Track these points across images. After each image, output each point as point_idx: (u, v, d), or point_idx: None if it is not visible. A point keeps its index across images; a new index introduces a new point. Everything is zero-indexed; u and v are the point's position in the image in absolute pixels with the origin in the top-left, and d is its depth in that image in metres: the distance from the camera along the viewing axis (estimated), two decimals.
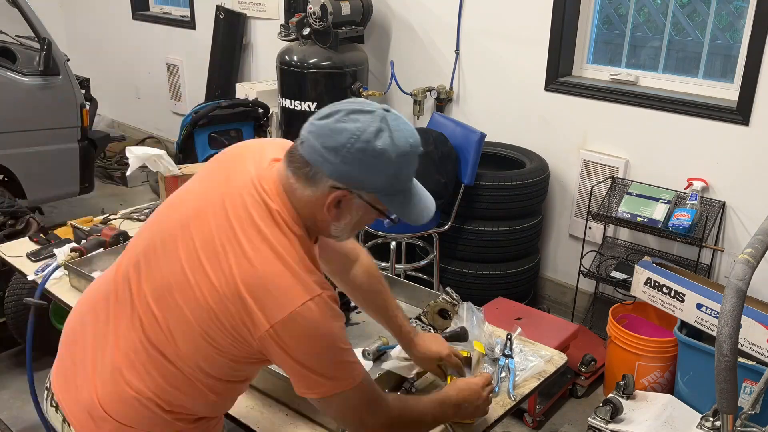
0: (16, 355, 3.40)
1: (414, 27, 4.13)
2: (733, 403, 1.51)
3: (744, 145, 3.03)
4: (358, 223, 1.35)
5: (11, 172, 4.22)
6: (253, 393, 1.76)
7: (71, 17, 7.04)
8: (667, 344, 2.87)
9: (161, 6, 6.27)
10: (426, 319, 1.98)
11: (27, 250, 2.48)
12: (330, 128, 1.23)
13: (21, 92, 4.14)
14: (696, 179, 3.15)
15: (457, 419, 1.59)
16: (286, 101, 4.09)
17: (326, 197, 1.26)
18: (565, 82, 3.57)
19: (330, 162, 1.23)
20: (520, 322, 2.92)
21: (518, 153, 3.66)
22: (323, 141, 1.23)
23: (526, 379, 1.84)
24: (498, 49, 3.77)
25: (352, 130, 1.22)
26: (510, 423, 2.96)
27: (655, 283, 2.89)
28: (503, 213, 3.40)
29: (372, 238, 3.46)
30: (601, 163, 3.47)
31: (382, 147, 1.23)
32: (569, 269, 3.73)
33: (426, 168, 3.22)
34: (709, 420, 2.46)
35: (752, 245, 1.49)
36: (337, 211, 1.29)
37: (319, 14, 3.85)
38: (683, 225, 2.99)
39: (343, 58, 3.98)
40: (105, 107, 6.36)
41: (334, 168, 1.23)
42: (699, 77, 3.28)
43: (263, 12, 5.04)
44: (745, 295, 1.43)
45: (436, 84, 4.03)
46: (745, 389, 2.54)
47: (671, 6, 3.31)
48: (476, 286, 3.45)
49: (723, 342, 1.44)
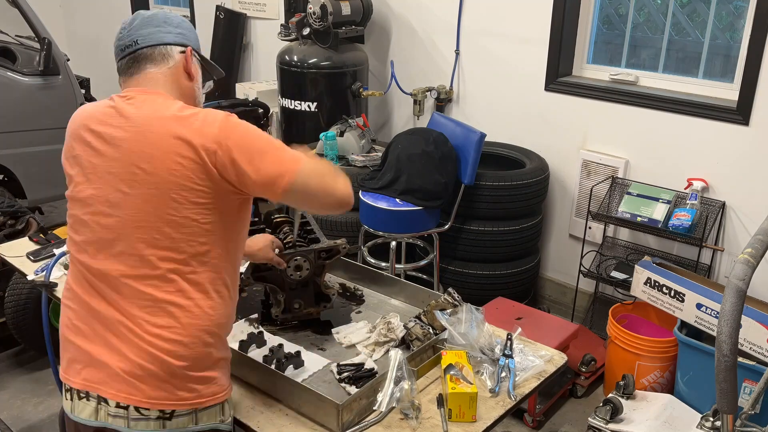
0: (16, 355, 3.40)
1: (414, 27, 4.13)
2: (733, 403, 1.51)
3: (744, 145, 3.03)
4: (201, 87, 1.65)
5: (11, 172, 4.22)
6: (253, 393, 1.76)
7: (71, 17, 7.04)
8: (667, 344, 2.87)
9: (161, 6, 6.27)
10: (426, 319, 1.98)
11: (27, 250, 2.49)
12: (146, 19, 1.58)
13: (21, 92, 4.15)
14: (696, 179, 3.15)
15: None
16: (286, 101, 4.09)
17: (182, 60, 1.58)
18: (565, 82, 3.57)
19: (168, 32, 1.57)
20: (520, 322, 2.92)
21: (518, 153, 3.66)
22: (151, 24, 1.57)
23: (526, 379, 1.84)
24: (498, 49, 3.78)
25: (158, 12, 1.60)
26: (510, 423, 2.96)
27: (655, 283, 2.89)
28: (503, 213, 3.40)
29: (372, 238, 3.46)
30: (601, 163, 3.47)
31: (176, 14, 1.63)
32: (569, 269, 3.73)
33: (426, 168, 3.22)
34: (709, 420, 2.46)
35: (752, 245, 1.49)
36: (192, 71, 1.60)
37: (319, 14, 3.85)
38: (683, 225, 2.99)
39: (343, 58, 3.98)
40: None
41: (174, 36, 1.58)
42: (699, 77, 3.29)
43: (263, 12, 5.04)
44: (745, 295, 1.44)
45: (436, 84, 4.03)
46: (745, 389, 2.54)
47: (671, 6, 3.31)
48: (476, 286, 3.45)
49: (723, 342, 1.44)
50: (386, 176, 3.31)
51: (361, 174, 3.52)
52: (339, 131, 3.78)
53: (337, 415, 1.59)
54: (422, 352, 1.86)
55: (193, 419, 1.45)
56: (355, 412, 1.64)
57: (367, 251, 3.45)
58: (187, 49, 1.60)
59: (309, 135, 3.97)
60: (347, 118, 3.90)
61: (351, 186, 1.55)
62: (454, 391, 1.66)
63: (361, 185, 3.39)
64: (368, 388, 1.67)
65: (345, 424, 1.61)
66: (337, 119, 3.93)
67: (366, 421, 1.65)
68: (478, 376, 1.83)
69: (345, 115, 3.95)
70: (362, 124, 3.90)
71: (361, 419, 1.65)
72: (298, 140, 4.06)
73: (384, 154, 3.46)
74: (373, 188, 3.31)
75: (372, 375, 1.78)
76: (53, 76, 4.22)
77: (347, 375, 1.79)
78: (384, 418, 1.66)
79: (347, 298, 2.24)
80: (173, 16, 1.62)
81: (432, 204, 3.22)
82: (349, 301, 2.23)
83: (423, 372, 1.85)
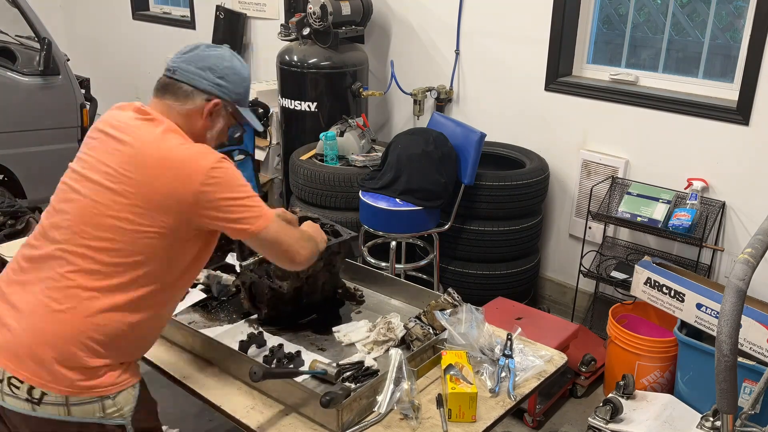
0: None
1: (414, 27, 4.13)
2: (733, 403, 1.51)
3: (744, 145, 3.03)
4: (220, 134, 1.71)
5: (11, 172, 4.22)
6: (253, 393, 1.76)
7: (71, 17, 7.04)
8: (667, 344, 2.87)
9: (161, 6, 6.27)
10: (426, 319, 1.98)
11: None
12: (199, 56, 1.65)
13: (21, 92, 4.15)
14: (696, 179, 3.15)
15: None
16: (286, 101, 4.09)
17: (205, 106, 1.64)
18: (565, 82, 3.57)
19: (206, 78, 1.63)
20: (520, 322, 2.92)
21: (518, 153, 3.66)
22: (197, 63, 1.64)
23: (526, 379, 1.84)
24: (498, 49, 3.78)
25: (217, 55, 1.67)
26: (510, 423, 2.96)
27: (655, 283, 2.89)
28: (503, 213, 3.40)
29: (372, 238, 3.46)
30: (601, 163, 3.47)
31: (238, 64, 1.70)
32: (569, 269, 3.73)
33: (426, 168, 3.22)
34: (709, 420, 2.46)
35: (752, 245, 1.49)
36: (211, 118, 1.66)
37: (319, 14, 3.85)
38: (683, 225, 2.99)
39: (343, 58, 3.98)
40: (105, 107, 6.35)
41: (210, 82, 1.64)
42: (699, 77, 3.28)
43: (263, 12, 5.04)
44: (745, 295, 1.44)
45: (436, 84, 4.03)
46: (745, 389, 2.54)
47: (671, 6, 3.31)
48: (476, 286, 3.44)
49: (723, 342, 1.44)
50: (386, 176, 3.31)
51: (361, 174, 3.52)
52: (339, 131, 3.78)
53: (337, 415, 1.59)
54: (422, 352, 1.86)
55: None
56: (355, 412, 1.64)
57: (367, 251, 3.45)
58: (215, 100, 1.65)
59: (309, 135, 3.97)
60: (347, 118, 3.90)
61: (310, 250, 1.71)
62: (454, 391, 1.66)
63: (361, 185, 3.39)
64: (368, 388, 1.67)
65: (345, 424, 1.61)
66: (337, 119, 3.93)
67: (366, 421, 1.65)
68: (478, 376, 1.83)
69: (345, 115, 3.95)
70: (362, 124, 3.90)
71: (361, 419, 1.66)
72: (298, 140, 4.07)
73: (384, 154, 3.46)
74: (373, 188, 3.31)
75: (374, 373, 1.78)
76: (53, 76, 4.22)
77: (350, 374, 1.79)
78: (384, 418, 1.66)
79: (347, 298, 2.24)
80: (223, 66, 1.66)
81: (432, 204, 3.22)
82: (349, 301, 2.23)
83: (423, 372, 1.85)
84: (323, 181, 3.57)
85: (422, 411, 1.69)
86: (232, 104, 1.69)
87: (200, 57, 1.65)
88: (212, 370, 1.87)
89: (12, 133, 4.16)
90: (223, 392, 1.78)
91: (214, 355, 1.89)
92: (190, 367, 1.88)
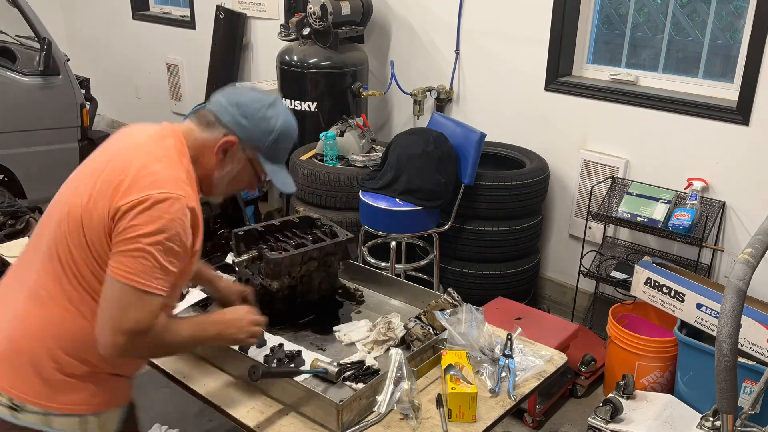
0: None
1: (414, 27, 4.13)
2: (733, 403, 1.51)
3: (744, 145, 3.03)
4: (234, 180, 1.57)
5: (11, 172, 4.22)
6: (253, 393, 1.76)
7: (71, 17, 7.04)
8: (667, 344, 2.87)
9: (161, 6, 6.27)
10: (426, 319, 1.98)
11: None
12: (237, 92, 1.57)
13: (21, 92, 4.15)
14: (696, 179, 3.15)
15: (223, 341, 1.66)
16: (286, 101, 4.09)
17: (218, 140, 1.52)
18: (565, 82, 3.57)
19: (230, 113, 1.52)
20: (520, 322, 2.92)
21: (518, 153, 3.66)
22: (229, 97, 1.54)
23: (526, 379, 1.84)
24: (498, 49, 3.78)
25: (254, 95, 1.56)
26: (510, 423, 2.96)
27: (655, 283, 2.89)
28: (503, 213, 3.40)
29: (372, 238, 3.46)
30: (601, 163, 3.47)
31: (274, 114, 1.55)
32: (569, 269, 3.73)
33: (426, 168, 3.22)
34: (709, 420, 2.46)
35: (752, 245, 1.49)
36: (222, 157, 1.53)
37: (319, 14, 3.85)
38: (683, 225, 2.99)
39: (343, 58, 3.98)
40: (105, 107, 6.37)
41: (232, 117, 1.52)
42: (699, 77, 3.29)
43: (263, 12, 5.04)
44: (745, 295, 1.44)
45: (436, 84, 4.03)
46: (745, 389, 2.54)
47: (671, 6, 3.31)
48: (476, 286, 3.44)
49: (723, 342, 1.44)
50: (386, 176, 3.31)
51: (361, 174, 3.52)
52: (339, 131, 3.78)
53: (337, 415, 1.59)
54: (422, 352, 1.86)
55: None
56: (355, 412, 1.64)
57: (367, 251, 3.45)
58: (230, 137, 1.52)
59: (309, 135, 3.97)
60: (347, 118, 3.90)
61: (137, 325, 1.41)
62: (454, 391, 1.66)
63: (361, 185, 3.39)
64: (368, 388, 1.67)
65: (345, 424, 1.61)
66: (337, 119, 3.93)
67: (366, 421, 1.65)
68: (478, 376, 1.83)
69: (345, 115, 3.95)
70: (362, 124, 3.90)
71: (361, 419, 1.66)
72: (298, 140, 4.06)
73: (384, 154, 3.46)
74: (373, 188, 3.31)
75: (375, 373, 1.78)
76: (53, 76, 4.23)
77: (352, 373, 1.79)
78: (384, 418, 1.66)
79: (347, 298, 2.24)
80: (254, 107, 1.53)
81: (432, 204, 3.22)
82: (349, 301, 2.23)
83: (423, 372, 1.85)
84: (323, 181, 3.58)
85: (422, 411, 1.69)
86: (252, 149, 1.54)
87: (238, 93, 1.56)
88: (212, 370, 1.87)
89: (12, 133, 4.16)
90: (223, 392, 1.78)
91: (214, 354, 1.89)
92: (190, 367, 1.88)
